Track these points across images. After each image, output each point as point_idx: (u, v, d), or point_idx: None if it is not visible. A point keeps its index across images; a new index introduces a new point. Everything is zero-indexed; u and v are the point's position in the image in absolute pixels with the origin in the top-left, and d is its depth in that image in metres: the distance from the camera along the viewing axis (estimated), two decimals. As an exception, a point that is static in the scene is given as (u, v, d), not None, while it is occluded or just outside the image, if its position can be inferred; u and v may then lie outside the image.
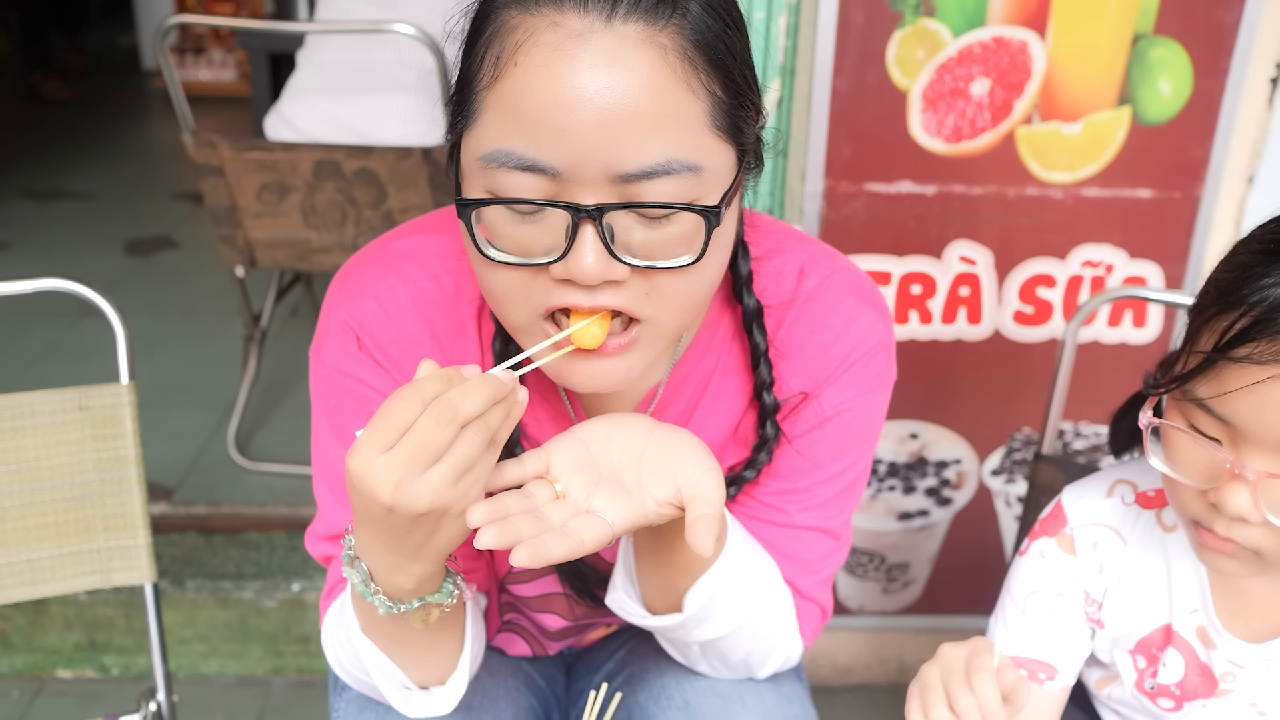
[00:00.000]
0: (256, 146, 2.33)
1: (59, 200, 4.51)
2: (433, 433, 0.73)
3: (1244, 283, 0.85)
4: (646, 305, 0.83)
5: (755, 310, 1.00)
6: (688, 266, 0.82)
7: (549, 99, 0.76)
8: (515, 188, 0.79)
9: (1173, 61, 1.70)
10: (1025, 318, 1.86)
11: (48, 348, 3.20)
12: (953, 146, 1.73)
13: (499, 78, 0.79)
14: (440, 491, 0.75)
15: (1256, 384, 0.83)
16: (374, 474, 0.74)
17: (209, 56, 6.34)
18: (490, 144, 0.79)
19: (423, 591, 0.87)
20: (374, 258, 1.01)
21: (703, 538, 0.81)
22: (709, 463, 0.87)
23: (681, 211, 0.80)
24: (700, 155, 0.80)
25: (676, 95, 0.78)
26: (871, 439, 1.08)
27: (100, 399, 1.35)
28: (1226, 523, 0.89)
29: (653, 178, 0.78)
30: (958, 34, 1.66)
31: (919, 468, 1.98)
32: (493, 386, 0.76)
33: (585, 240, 0.79)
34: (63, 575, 1.37)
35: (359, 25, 2.34)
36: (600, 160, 0.77)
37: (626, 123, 0.76)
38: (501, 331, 0.98)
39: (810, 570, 1.09)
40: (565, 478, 0.86)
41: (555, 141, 0.77)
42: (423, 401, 0.74)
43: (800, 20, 1.71)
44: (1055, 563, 1.11)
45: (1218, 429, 0.87)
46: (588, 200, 0.78)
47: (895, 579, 2.10)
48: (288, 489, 2.54)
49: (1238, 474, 0.86)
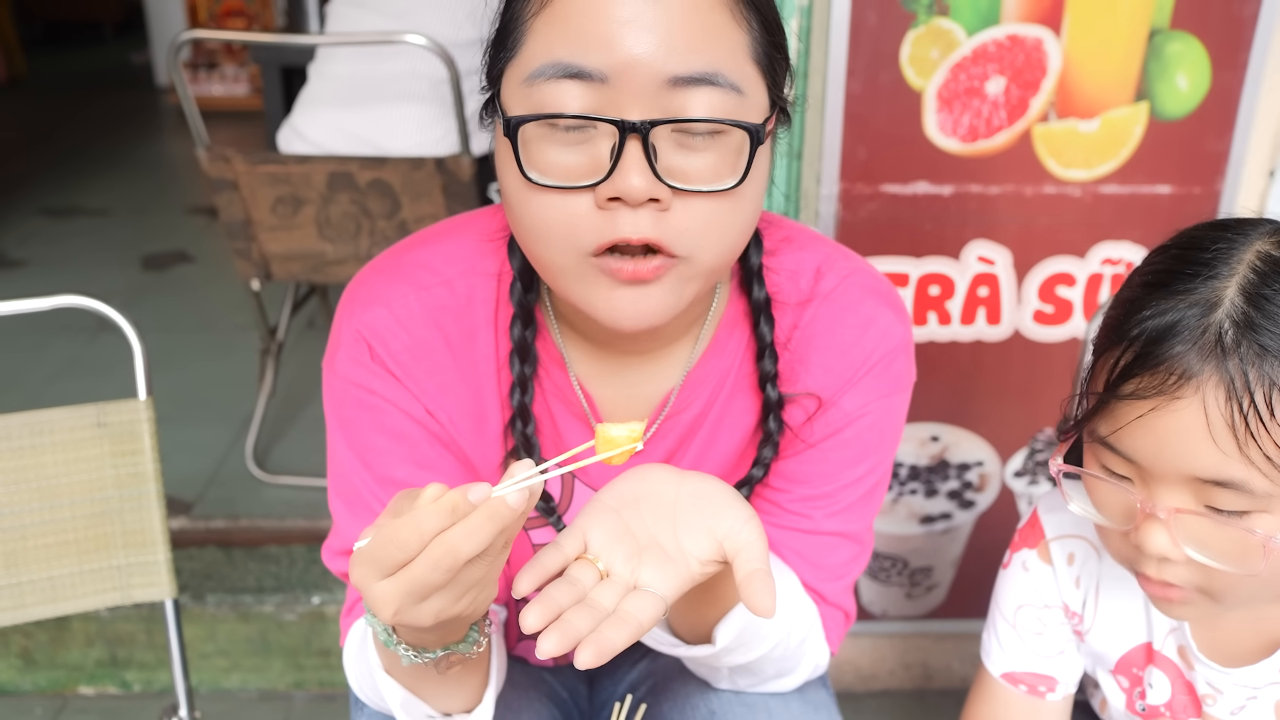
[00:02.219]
0: (270, 160, 2.33)
1: (74, 217, 4.54)
2: (430, 575, 0.69)
3: (1126, 318, 0.84)
4: (684, 240, 0.83)
5: (764, 302, 1.00)
6: (730, 190, 0.82)
7: (598, 8, 0.78)
8: (562, 100, 0.80)
9: (1190, 56, 1.68)
10: (1045, 317, 1.84)
11: (66, 363, 3.22)
12: (969, 146, 1.72)
13: (548, 3, 0.81)
14: (444, 612, 0.73)
15: (1143, 418, 0.81)
16: (374, 596, 0.72)
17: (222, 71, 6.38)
18: (537, 60, 0.80)
19: (447, 642, 0.85)
20: (385, 267, 1.01)
21: (761, 599, 0.79)
22: (745, 511, 0.85)
23: (722, 134, 0.81)
24: (742, 80, 0.82)
25: (722, 18, 0.81)
26: (893, 441, 1.06)
27: (119, 415, 1.34)
28: (1155, 564, 0.86)
29: (698, 85, 0.79)
30: (972, 33, 1.65)
31: (940, 470, 1.97)
32: (499, 520, 0.69)
33: (630, 157, 0.79)
34: (84, 592, 1.37)
35: (371, 37, 2.34)
36: (648, 65, 0.78)
37: (674, 31, 0.78)
38: (519, 316, 0.97)
39: (835, 576, 1.07)
40: (606, 553, 0.83)
41: (603, 48, 0.78)
42: (421, 540, 0.69)
43: (813, 22, 1.70)
44: (1038, 574, 1.08)
45: (1126, 467, 0.85)
46: (633, 116, 0.79)
47: (918, 583, 2.08)
48: (306, 502, 2.54)
49: (1150, 512, 0.83)
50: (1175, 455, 0.81)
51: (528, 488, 0.71)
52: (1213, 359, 0.79)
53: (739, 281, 1.03)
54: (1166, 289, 0.83)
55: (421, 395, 0.98)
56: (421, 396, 0.98)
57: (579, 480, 1.06)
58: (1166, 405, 0.80)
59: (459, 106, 2.27)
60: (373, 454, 0.99)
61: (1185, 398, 0.79)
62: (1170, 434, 0.80)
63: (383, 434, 0.98)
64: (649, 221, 0.81)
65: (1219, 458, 0.79)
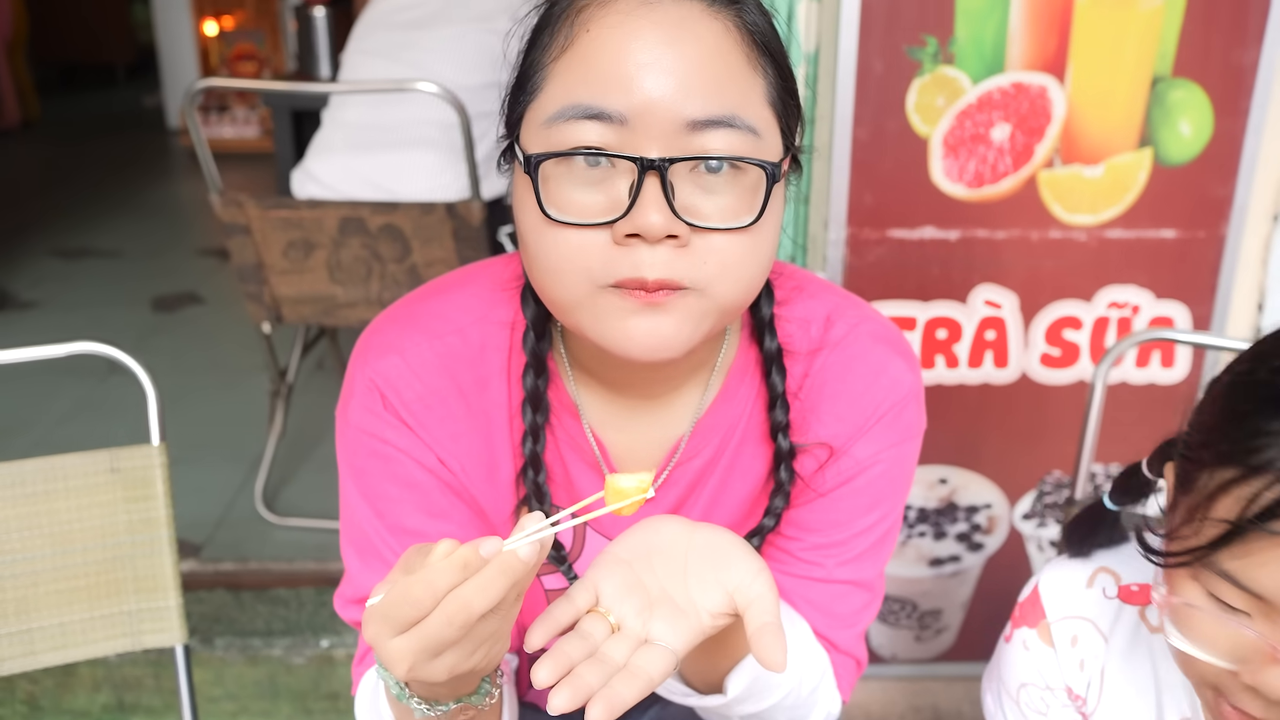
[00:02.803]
0: (283, 205, 2.36)
1: (86, 258, 4.57)
2: (444, 631, 0.70)
3: (1256, 437, 0.76)
4: (703, 273, 0.83)
5: (775, 352, 1.00)
6: (747, 228, 0.83)
7: (619, 53, 0.80)
8: (582, 139, 0.81)
9: (1192, 103, 1.70)
10: (1052, 360, 1.85)
11: (77, 405, 3.23)
12: (975, 191, 1.74)
13: (569, 47, 0.83)
14: (458, 666, 0.74)
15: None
16: (388, 653, 0.72)
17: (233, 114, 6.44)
18: (557, 102, 0.82)
19: (459, 694, 0.85)
20: (399, 316, 1.02)
21: (772, 653, 0.79)
22: (755, 563, 0.85)
23: (739, 174, 0.83)
24: (758, 123, 0.83)
25: (738, 63, 0.83)
26: (904, 489, 1.07)
27: (132, 460, 1.35)
28: (1264, 704, 0.78)
29: (716, 128, 0.81)
30: (976, 81, 1.67)
31: (949, 513, 1.97)
32: (511, 574, 0.69)
33: (649, 194, 0.80)
34: (93, 638, 1.37)
35: (382, 85, 2.37)
36: (666, 108, 0.80)
37: (692, 75, 0.80)
38: (532, 365, 0.98)
39: (846, 624, 1.07)
40: (617, 606, 0.84)
41: (623, 90, 0.80)
42: (434, 596, 0.69)
43: (820, 70, 1.73)
44: (1038, 655, 1.04)
45: (1247, 602, 0.77)
46: (652, 153, 0.80)
47: (928, 626, 2.08)
48: (316, 544, 2.54)
49: (1275, 655, 0.76)
50: None
51: (539, 540, 0.71)
52: None
53: (750, 331, 1.03)
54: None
55: (434, 444, 0.99)
56: (434, 445, 0.99)
57: (591, 528, 1.07)
58: None
59: (469, 152, 2.29)
60: (385, 503, 0.99)
61: None
62: None
63: (395, 483, 0.99)
64: (666, 259, 0.82)
65: None
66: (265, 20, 6.59)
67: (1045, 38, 1.66)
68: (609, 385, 1.00)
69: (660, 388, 1.00)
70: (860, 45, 1.66)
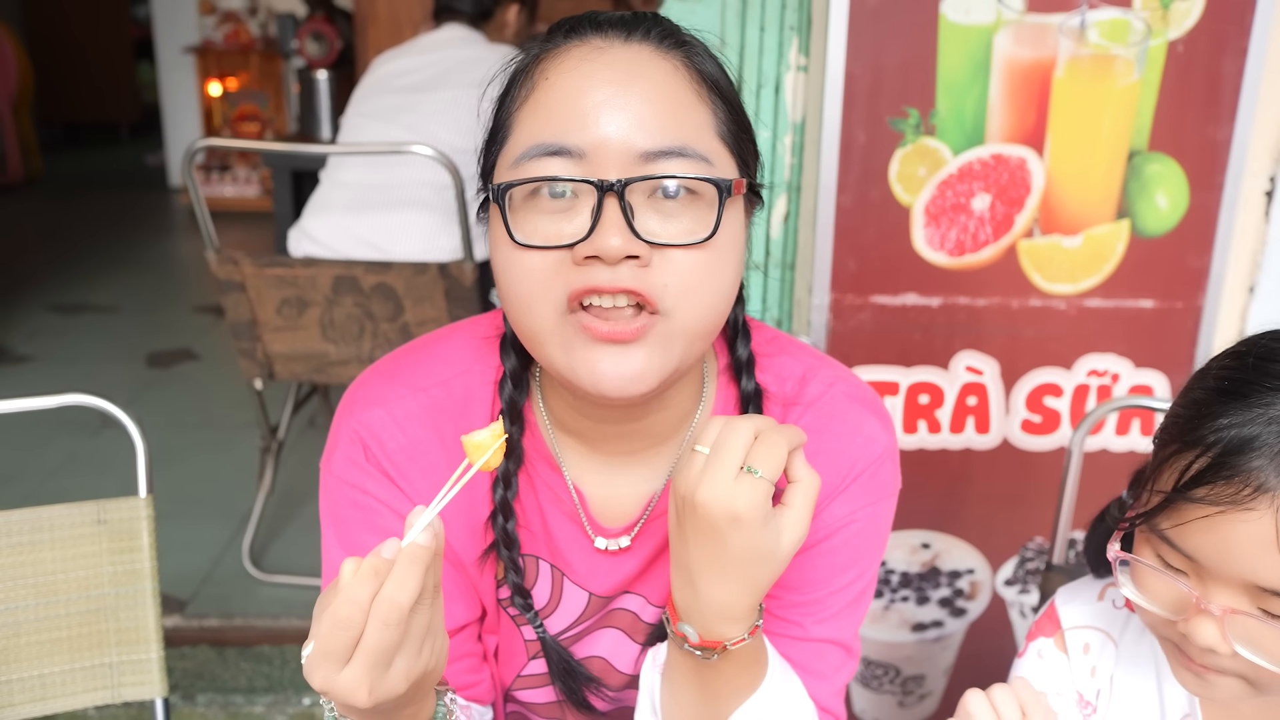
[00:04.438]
0: (278, 263, 2.39)
1: (82, 313, 4.60)
2: (383, 636, 0.73)
3: (1201, 421, 0.87)
4: (665, 295, 0.87)
5: (753, 392, 1.03)
6: (704, 244, 0.87)
7: (575, 93, 0.86)
8: (546, 173, 0.86)
9: (1168, 176, 1.74)
10: (1033, 427, 1.87)
11: (67, 459, 3.23)
12: (956, 260, 1.77)
13: (530, 95, 0.89)
14: (412, 670, 0.77)
15: (1212, 522, 0.83)
16: (343, 688, 0.74)
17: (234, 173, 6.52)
18: (523, 144, 0.88)
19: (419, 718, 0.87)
20: (385, 370, 1.04)
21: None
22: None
23: (695, 199, 0.87)
24: (710, 153, 0.89)
25: (688, 99, 0.89)
26: (880, 548, 1.08)
27: (119, 512, 1.36)
28: (1199, 651, 0.88)
29: (669, 157, 0.86)
30: (957, 152, 1.71)
31: (931, 578, 1.97)
32: (421, 562, 0.75)
33: (608, 215, 0.84)
34: (73, 690, 1.37)
35: (378, 147, 2.42)
36: (622, 141, 0.85)
37: (645, 110, 0.86)
38: (506, 412, 1.00)
39: (826, 681, 1.08)
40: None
41: (580, 127, 0.86)
42: (362, 610, 0.73)
43: (805, 139, 1.77)
44: (1052, 663, 1.10)
45: (1182, 562, 0.88)
46: (610, 177, 0.85)
47: (911, 691, 2.07)
48: (302, 601, 2.54)
49: (1204, 609, 0.86)
50: (1239, 562, 0.83)
51: (431, 529, 0.76)
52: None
53: (729, 376, 1.05)
54: (1244, 400, 0.85)
55: (415, 496, 1.01)
56: (415, 497, 1.01)
57: (568, 579, 1.08)
58: (1237, 514, 0.82)
59: (462, 213, 2.33)
60: (363, 553, 1.00)
61: (1258, 510, 0.81)
62: (1236, 541, 0.83)
63: (374, 534, 1.00)
64: (629, 275, 0.85)
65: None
66: (269, 82, 6.70)
67: (1024, 111, 1.71)
68: (588, 440, 1.02)
69: (640, 443, 1.02)
70: (844, 116, 1.70)
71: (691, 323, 0.89)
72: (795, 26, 1.73)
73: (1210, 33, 1.69)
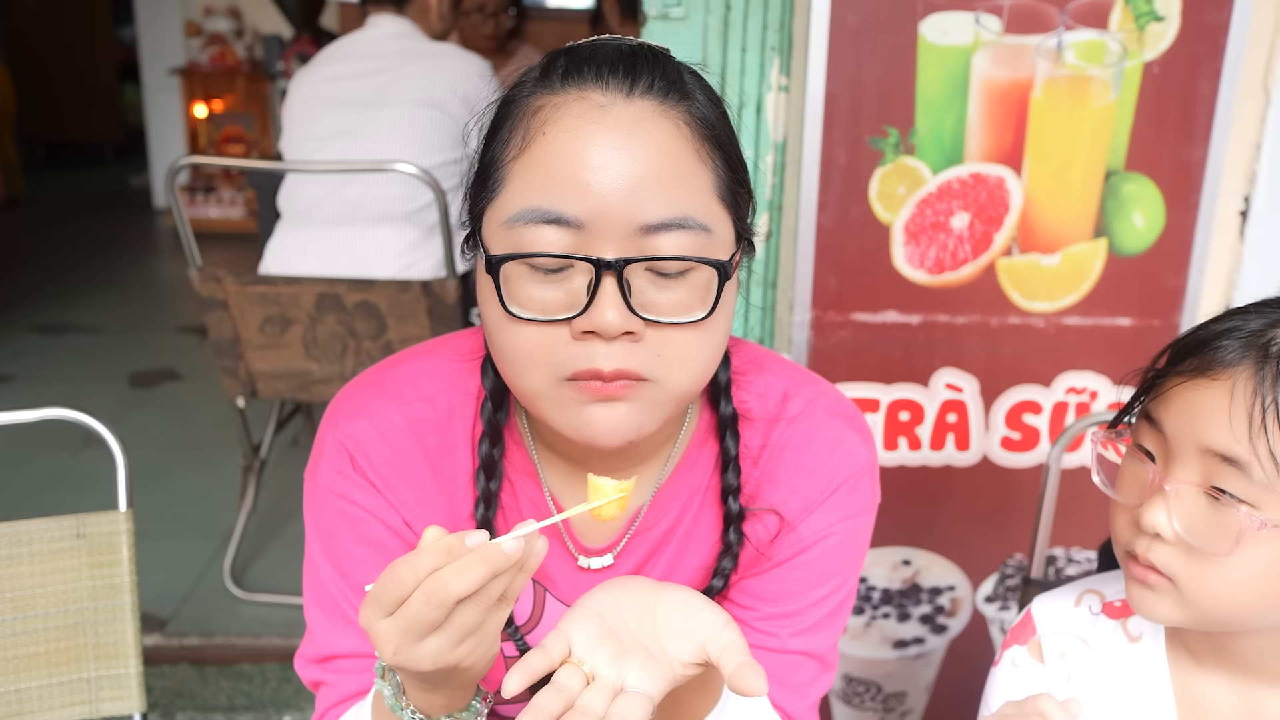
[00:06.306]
0: (260, 281, 2.39)
1: (65, 334, 4.59)
2: (423, 611, 0.74)
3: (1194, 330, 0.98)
4: (658, 365, 0.87)
5: (730, 417, 1.04)
6: (700, 321, 0.87)
7: (575, 158, 0.84)
8: (540, 243, 0.85)
9: (1145, 196, 1.76)
10: (1013, 444, 1.88)
11: (48, 478, 3.22)
12: (935, 278, 1.79)
13: (526, 148, 0.86)
14: (441, 656, 0.77)
15: (1181, 389, 0.93)
16: (377, 635, 0.77)
17: (219, 194, 6.51)
18: (517, 205, 0.86)
19: (452, 709, 0.88)
20: (370, 382, 1.05)
21: (753, 682, 0.83)
22: (723, 616, 0.89)
23: (693, 271, 0.86)
24: (710, 219, 0.88)
25: (689, 161, 0.87)
26: (858, 562, 1.09)
27: (98, 526, 1.36)
28: (1147, 542, 0.95)
29: (669, 230, 0.85)
30: (936, 171, 1.73)
31: (913, 595, 1.98)
32: (491, 563, 0.74)
33: (606, 293, 0.84)
34: (50, 705, 1.36)
35: (364, 165, 2.43)
36: (622, 213, 0.84)
37: (646, 179, 0.84)
38: (487, 434, 1.01)
39: (800, 695, 1.09)
40: (591, 656, 0.87)
41: (579, 195, 0.84)
42: (416, 577, 0.74)
43: (786, 159, 1.79)
44: (1027, 670, 1.11)
45: (1155, 441, 0.96)
46: (609, 254, 0.84)
47: (892, 709, 2.07)
48: (282, 619, 2.53)
49: (1159, 485, 0.94)
50: (1197, 426, 0.92)
51: (523, 539, 0.76)
52: (1252, 356, 0.91)
53: (708, 398, 1.06)
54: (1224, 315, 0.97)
55: (400, 506, 1.01)
56: (400, 508, 1.01)
57: (550, 594, 1.08)
58: (1203, 382, 0.92)
59: (446, 232, 2.34)
60: (350, 563, 1.01)
61: (1219, 380, 0.91)
62: (1198, 406, 0.92)
63: (360, 543, 1.01)
64: (621, 353, 0.86)
65: (1231, 437, 0.90)
66: (255, 104, 6.70)
67: (1002, 131, 1.73)
68: (571, 459, 1.03)
69: (623, 463, 1.03)
70: (825, 135, 1.72)
71: (680, 389, 0.90)
72: (776, 47, 1.75)
73: (1185, 54, 1.71)
